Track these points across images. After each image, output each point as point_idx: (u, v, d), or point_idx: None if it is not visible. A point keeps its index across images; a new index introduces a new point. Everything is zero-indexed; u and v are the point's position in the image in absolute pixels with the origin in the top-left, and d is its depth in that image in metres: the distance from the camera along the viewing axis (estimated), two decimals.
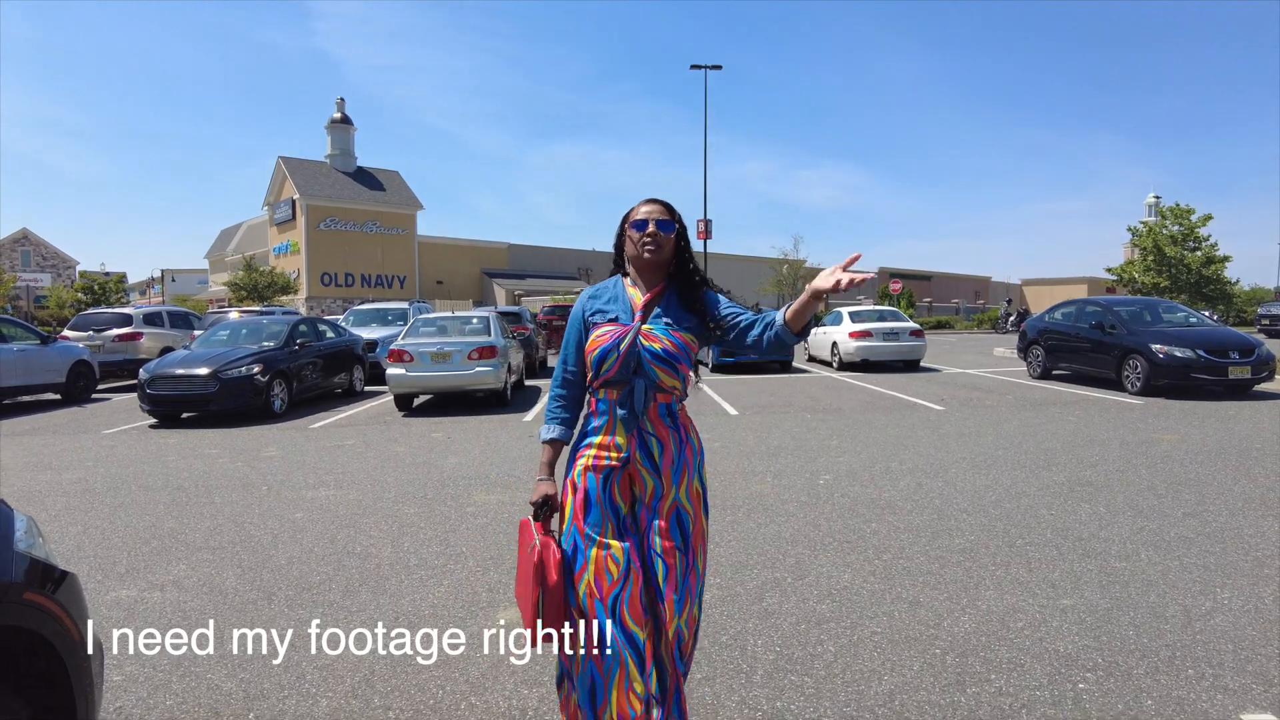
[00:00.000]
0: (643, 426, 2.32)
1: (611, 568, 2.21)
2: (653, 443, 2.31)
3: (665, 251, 2.37)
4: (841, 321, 17.85)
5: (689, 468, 2.35)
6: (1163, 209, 39.83)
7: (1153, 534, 4.80)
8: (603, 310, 2.39)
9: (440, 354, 11.27)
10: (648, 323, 2.33)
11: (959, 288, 70.19)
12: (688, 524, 2.31)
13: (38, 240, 55.42)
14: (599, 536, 2.24)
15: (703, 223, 37.97)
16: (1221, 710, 2.75)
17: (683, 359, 2.34)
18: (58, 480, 7.15)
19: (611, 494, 2.29)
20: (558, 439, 2.39)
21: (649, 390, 2.31)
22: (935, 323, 42.56)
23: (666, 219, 2.36)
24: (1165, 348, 11.48)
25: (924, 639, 3.38)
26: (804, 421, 9.89)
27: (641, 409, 2.30)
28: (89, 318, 17.86)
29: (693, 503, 2.33)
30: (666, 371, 2.31)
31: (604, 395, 2.34)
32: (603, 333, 2.33)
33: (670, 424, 2.35)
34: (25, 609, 1.71)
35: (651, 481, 2.30)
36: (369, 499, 6.16)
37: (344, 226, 47.47)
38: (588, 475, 2.31)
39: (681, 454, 2.34)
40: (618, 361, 2.29)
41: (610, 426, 2.33)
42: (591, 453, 2.32)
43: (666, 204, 2.40)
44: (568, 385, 2.43)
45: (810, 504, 5.70)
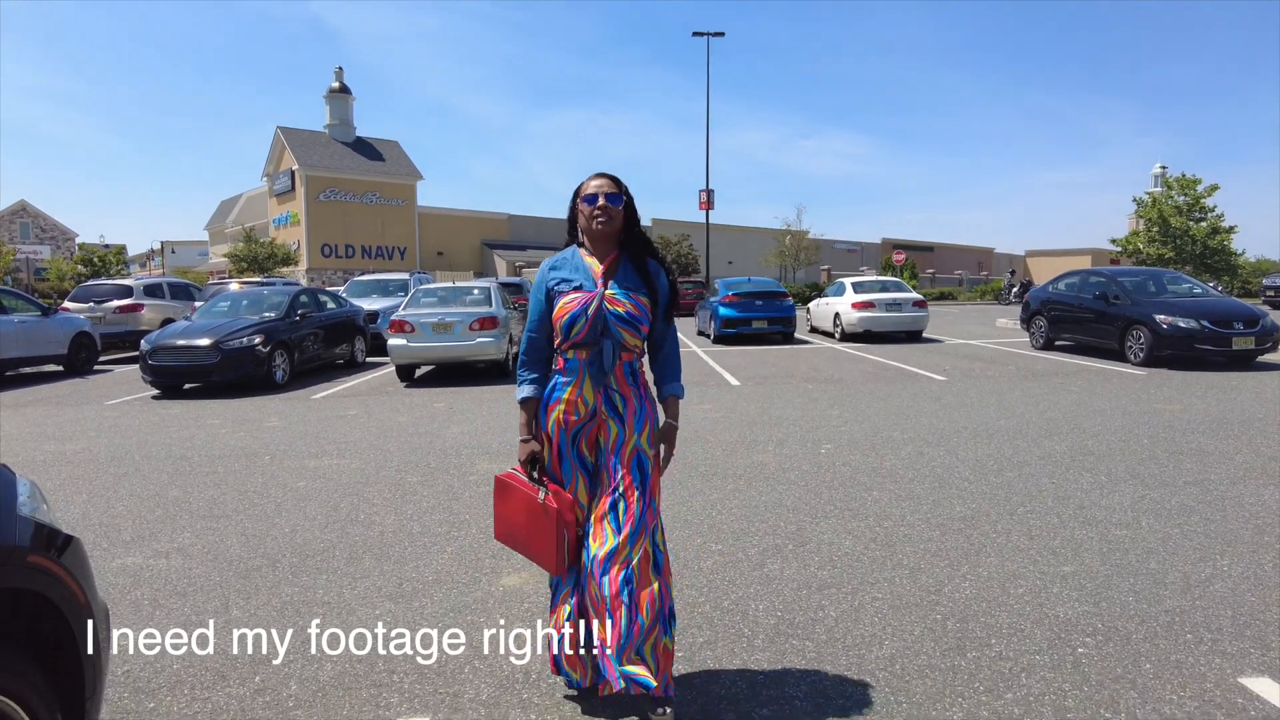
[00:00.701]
0: (609, 383, 2.57)
1: (578, 513, 2.57)
2: (616, 398, 2.58)
3: (616, 223, 2.59)
4: (844, 292, 17.77)
5: (650, 419, 2.61)
6: (1169, 179, 39.42)
7: (1154, 502, 4.82)
8: (566, 279, 2.59)
9: (441, 325, 11.25)
10: (609, 288, 2.55)
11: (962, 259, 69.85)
12: (646, 466, 2.56)
13: (36, 212, 55.21)
14: (570, 486, 2.57)
15: (705, 193, 37.72)
16: (1219, 674, 2.77)
17: (643, 320, 2.58)
18: (61, 450, 7.18)
19: (580, 449, 2.59)
20: (531, 397, 2.62)
21: (616, 349, 2.55)
22: (938, 294, 42.42)
23: (615, 192, 2.58)
24: (1169, 318, 11.44)
25: (925, 604, 3.40)
26: (806, 392, 9.89)
27: (610, 367, 2.55)
28: (89, 289, 17.83)
29: (651, 447, 2.59)
30: (630, 332, 2.56)
31: (573, 355, 2.57)
32: (570, 299, 2.54)
33: (632, 382, 2.61)
34: (30, 571, 1.71)
35: (616, 429, 2.56)
36: (371, 468, 6.19)
37: (343, 197, 47.18)
38: (559, 431, 2.58)
39: (642, 406, 2.61)
40: (587, 324, 2.52)
41: (579, 382, 2.56)
42: (560, 408, 2.57)
43: (614, 178, 2.62)
44: (535, 349, 2.65)
45: (812, 473, 5.72)
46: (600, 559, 2.46)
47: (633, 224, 2.65)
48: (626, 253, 2.63)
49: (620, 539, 2.46)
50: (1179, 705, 2.57)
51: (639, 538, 2.47)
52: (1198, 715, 2.51)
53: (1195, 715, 2.51)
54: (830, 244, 59.23)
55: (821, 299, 19.44)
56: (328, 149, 48.28)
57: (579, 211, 2.62)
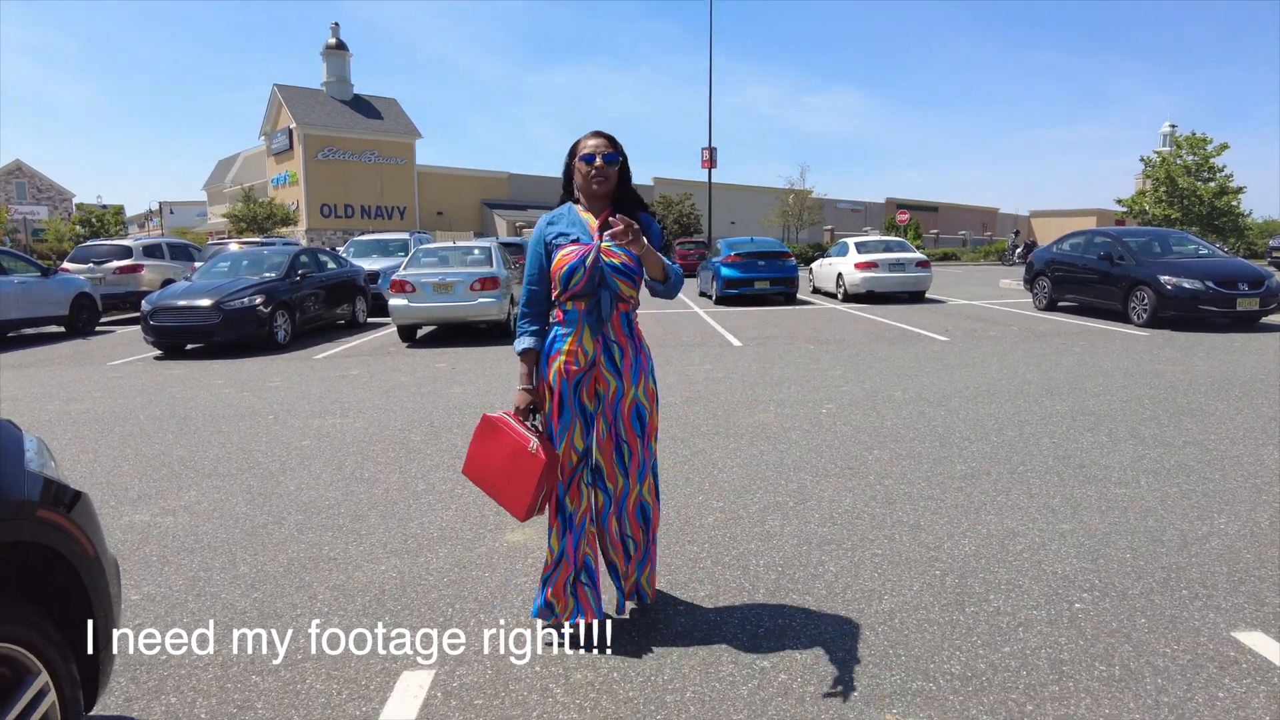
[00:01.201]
0: (606, 334, 2.71)
1: (573, 457, 2.74)
2: (615, 349, 2.72)
3: (611, 181, 2.70)
4: (847, 252, 17.67)
5: (645, 371, 2.77)
6: (1178, 138, 38.88)
7: (1153, 461, 4.84)
8: (564, 233, 2.71)
9: (442, 285, 11.21)
10: (605, 241, 2.65)
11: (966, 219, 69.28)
12: (645, 417, 2.77)
13: (31, 172, 54.69)
14: (569, 434, 2.72)
15: (708, 150, 37.27)
16: (1213, 628, 2.81)
17: (637, 271, 2.69)
18: (66, 410, 7.21)
19: (580, 397, 2.73)
20: (531, 348, 2.75)
21: (612, 299, 2.69)
22: (941, 254, 42.18)
23: (611, 151, 2.69)
24: (1173, 279, 11.38)
25: (924, 561, 3.44)
26: (807, 353, 9.89)
27: (607, 316, 2.69)
28: (89, 250, 17.73)
29: (648, 399, 2.78)
30: (626, 283, 2.69)
31: (571, 307, 2.70)
32: (568, 252, 2.67)
33: (628, 332, 2.75)
34: (41, 526, 1.73)
35: (614, 383, 2.73)
36: (375, 427, 6.22)
37: (342, 156, 46.66)
38: (560, 381, 2.71)
39: (638, 359, 2.76)
40: (585, 275, 2.65)
41: (579, 333, 2.70)
42: (562, 358, 2.70)
43: (610, 137, 2.72)
44: (534, 302, 2.77)
45: (813, 432, 5.74)
46: (616, 499, 2.81)
47: (626, 181, 2.77)
48: (620, 209, 2.72)
49: (629, 481, 2.79)
50: (1172, 658, 2.62)
51: (645, 477, 2.81)
52: (1190, 668, 2.56)
53: (1187, 668, 2.56)
54: (834, 203, 58.69)
55: (824, 259, 19.34)
56: (325, 107, 47.62)
57: (576, 170, 2.72)
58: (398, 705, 2.43)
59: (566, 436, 2.72)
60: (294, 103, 46.50)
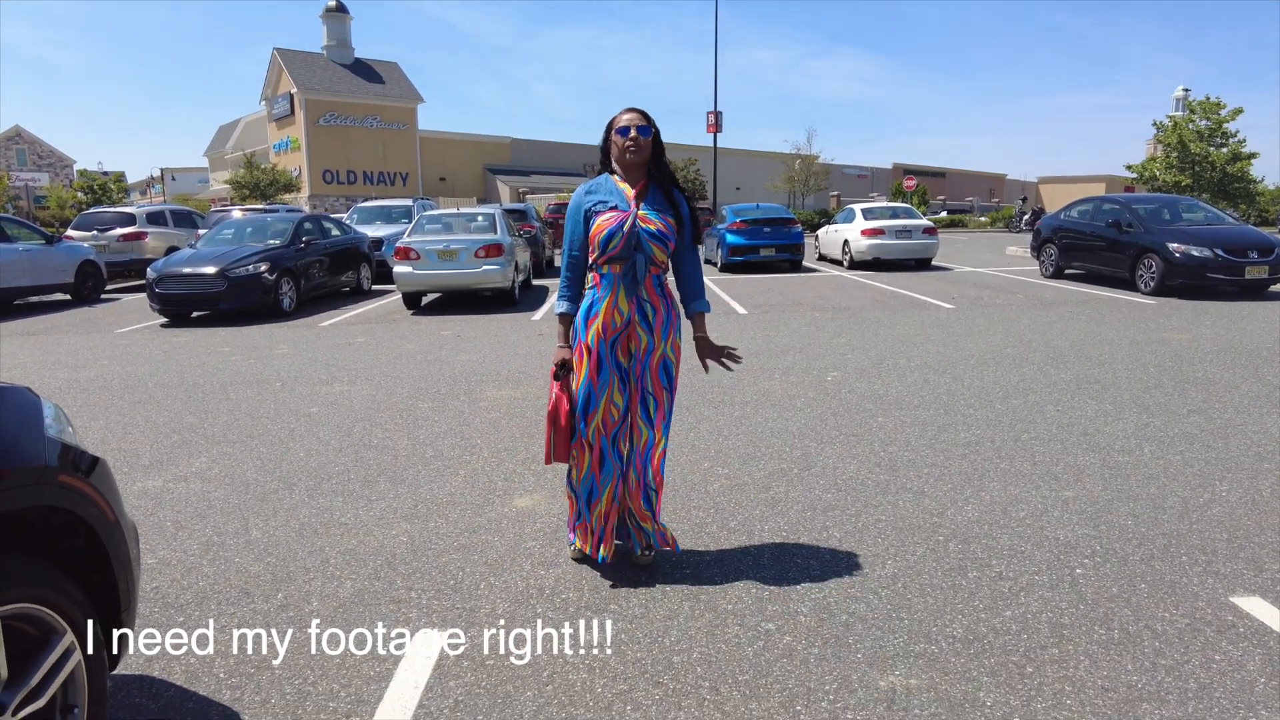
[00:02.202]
0: (640, 294, 2.93)
1: (614, 412, 2.97)
2: (648, 308, 2.96)
3: (645, 153, 2.92)
4: (854, 219, 17.54)
5: (674, 328, 3.02)
6: (1191, 103, 38.22)
7: (1157, 430, 4.86)
8: (603, 200, 2.92)
9: (447, 251, 11.18)
10: (641, 209, 2.89)
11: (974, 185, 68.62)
12: (672, 370, 3.03)
13: (31, 138, 54.31)
14: (609, 389, 2.94)
15: (713, 115, 36.83)
16: (1212, 593, 2.85)
17: (670, 238, 2.93)
18: (75, 378, 7.27)
19: (616, 355, 2.95)
20: (568, 313, 2.98)
21: (646, 263, 2.92)
22: (949, 221, 41.84)
23: (645, 124, 2.91)
24: (1182, 247, 11.29)
25: (927, 527, 3.48)
26: (813, 320, 9.88)
27: (641, 278, 2.92)
28: (92, 217, 17.68)
29: (674, 354, 3.03)
30: (659, 247, 2.92)
31: (608, 270, 2.91)
32: (607, 218, 2.87)
33: (660, 293, 2.99)
34: (62, 490, 1.76)
35: (645, 338, 2.96)
36: (382, 394, 6.26)
37: (344, 121, 46.23)
38: (599, 341, 2.92)
39: (669, 317, 3.00)
40: (622, 240, 2.86)
41: (615, 294, 2.91)
42: (599, 321, 2.92)
43: (644, 112, 2.94)
44: (574, 267, 2.99)
45: (818, 400, 5.77)
46: (641, 449, 3.02)
47: (660, 155, 2.96)
48: (654, 180, 2.96)
49: (655, 432, 3.02)
50: (1170, 622, 2.66)
51: (669, 428, 3.08)
52: (1188, 631, 2.60)
53: (1185, 631, 2.60)
54: (840, 169, 58.13)
55: (830, 226, 19.21)
56: (326, 71, 47.07)
57: (612, 142, 2.94)
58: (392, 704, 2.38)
59: (607, 392, 2.94)
60: (294, 67, 45.97)
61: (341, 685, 2.41)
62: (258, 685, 2.43)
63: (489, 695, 2.35)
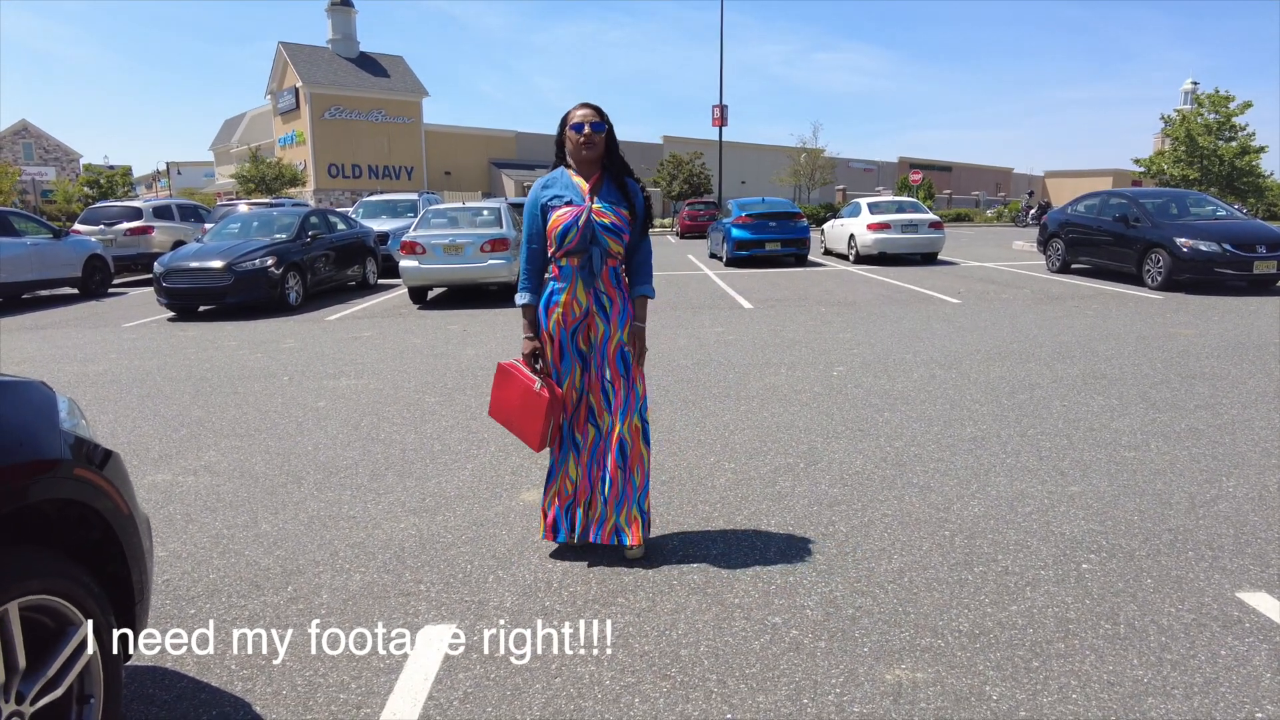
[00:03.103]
0: (597, 286, 3.01)
1: (574, 396, 3.09)
2: (604, 299, 3.03)
3: (599, 148, 2.98)
4: (860, 213, 17.49)
5: (631, 317, 3.07)
6: (1200, 96, 37.98)
7: (1163, 425, 4.86)
8: (558, 195, 3.00)
9: (452, 246, 11.20)
10: (595, 203, 2.97)
11: (980, 179, 68.35)
12: (629, 358, 3.06)
13: (38, 132, 54.43)
14: (570, 375, 3.07)
15: (718, 109, 36.75)
16: (1218, 588, 2.86)
17: (624, 229, 3.00)
18: (84, 372, 7.31)
19: (577, 343, 3.05)
20: (530, 304, 3.06)
21: (603, 255, 2.98)
22: (955, 215, 41.68)
23: (598, 120, 2.97)
24: (1190, 241, 11.25)
25: (933, 521, 3.49)
26: (818, 315, 9.88)
27: (598, 270, 2.98)
28: (99, 211, 17.72)
29: (630, 346, 3.06)
30: (614, 240, 2.99)
31: (566, 263, 3.00)
32: (562, 213, 2.96)
33: (616, 285, 3.05)
34: (77, 484, 1.78)
35: (603, 327, 3.03)
36: (390, 388, 6.28)
37: (349, 115, 46.28)
38: (559, 330, 3.03)
39: (625, 307, 3.06)
40: (578, 234, 2.94)
41: (573, 286, 3.00)
42: (559, 310, 3.01)
43: (597, 107, 2.99)
44: (533, 259, 3.07)
45: (824, 394, 5.77)
46: (604, 435, 3.09)
47: (613, 148, 3.02)
48: (608, 173, 3.03)
49: (613, 418, 3.07)
50: (1176, 617, 2.67)
51: (628, 415, 3.06)
52: (1194, 627, 2.61)
53: (1191, 627, 2.61)
54: (846, 163, 57.99)
55: (836, 220, 19.17)
56: (331, 65, 47.09)
57: (567, 138, 3.00)
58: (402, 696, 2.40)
59: (568, 379, 3.07)
60: (300, 61, 46.00)
61: (351, 677, 2.43)
62: (269, 677, 2.45)
63: (498, 687, 2.37)
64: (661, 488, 3.96)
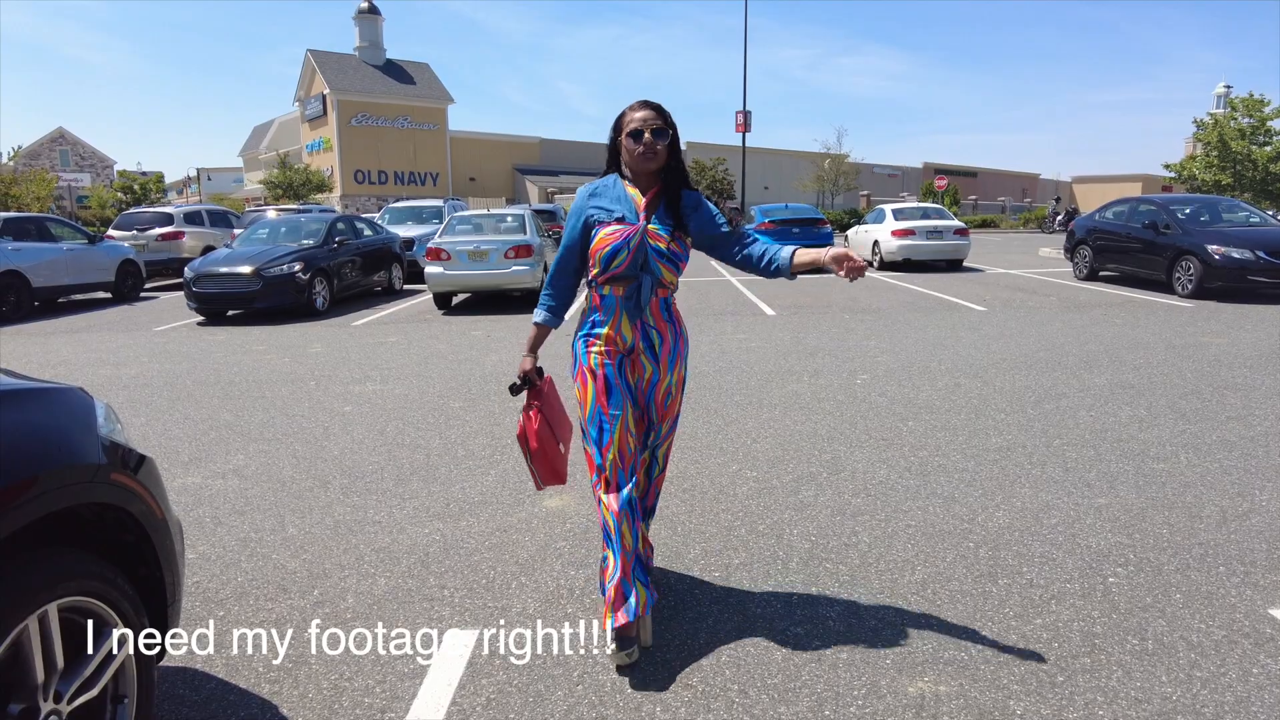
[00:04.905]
0: (645, 320, 2.58)
1: (631, 442, 2.56)
2: (653, 334, 2.60)
3: (661, 158, 2.51)
4: (884, 219, 17.39)
5: (682, 358, 2.69)
6: (1233, 100, 37.31)
7: (1193, 437, 4.78)
8: (607, 209, 2.53)
9: (477, 252, 11.30)
10: (651, 222, 2.51)
11: (1006, 185, 67.63)
12: (669, 403, 2.71)
13: (74, 139, 55.57)
14: (621, 414, 2.53)
15: (741, 114, 36.73)
16: (1250, 605, 2.81)
17: (683, 257, 2.57)
18: (117, 375, 7.45)
19: (626, 378, 2.60)
20: (544, 324, 2.68)
21: (653, 285, 2.53)
22: (980, 221, 41.29)
23: (661, 126, 2.48)
24: (1222, 248, 11.05)
25: (958, 533, 3.46)
26: (842, 322, 9.83)
27: (645, 302, 2.54)
28: (132, 217, 18.08)
29: (676, 388, 2.71)
30: (669, 268, 2.55)
31: (609, 291, 2.55)
32: (611, 231, 2.48)
33: (667, 317, 2.63)
34: (114, 488, 1.83)
35: (650, 368, 2.62)
36: (415, 393, 6.35)
37: (376, 122, 46.79)
38: (605, 363, 2.56)
39: (676, 345, 2.66)
40: (629, 258, 2.48)
41: (616, 320, 2.56)
42: (601, 345, 2.58)
43: (659, 108, 2.50)
44: (562, 274, 2.66)
45: (847, 403, 5.75)
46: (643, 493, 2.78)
47: (675, 155, 2.57)
48: (668, 186, 2.57)
49: (660, 476, 2.87)
50: (1206, 634, 2.62)
51: (667, 459, 2.88)
52: (1224, 643, 2.56)
53: (1222, 643, 2.56)
54: (870, 168, 57.62)
55: (860, 226, 19.07)
56: (358, 72, 47.68)
57: (624, 146, 2.53)
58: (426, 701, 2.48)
59: (620, 420, 2.53)
60: (327, 68, 46.62)
61: (376, 681, 2.47)
62: (295, 680, 2.49)
63: (521, 694, 2.39)
64: (683, 495, 3.97)
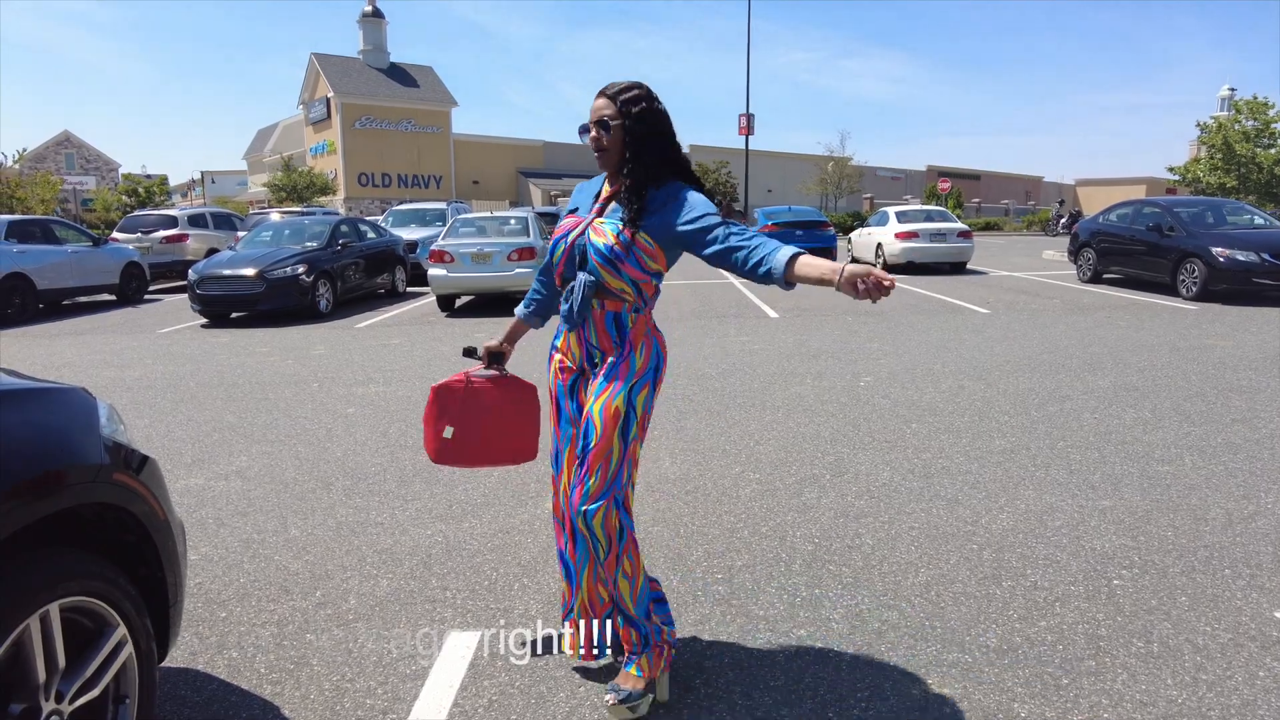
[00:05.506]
0: (586, 335, 2.23)
1: (565, 478, 2.35)
2: (596, 355, 2.25)
3: (613, 152, 2.19)
4: (888, 222, 17.39)
5: (619, 377, 2.18)
6: (1238, 102, 37.23)
7: (1198, 439, 4.76)
8: (577, 205, 2.37)
9: (480, 255, 11.31)
10: (603, 217, 2.23)
11: (1009, 188, 67.57)
12: (590, 441, 2.16)
13: (79, 142, 55.75)
14: (568, 446, 2.32)
15: (744, 117, 36.78)
16: (1255, 608, 2.79)
17: (626, 259, 2.14)
18: (121, 377, 7.47)
19: (578, 400, 2.31)
20: (521, 319, 2.57)
21: (587, 289, 2.17)
22: (984, 224, 41.23)
23: (606, 117, 2.16)
24: (1226, 250, 11.03)
25: (961, 535, 3.45)
26: (845, 324, 9.82)
27: (578, 310, 2.18)
28: (136, 220, 18.16)
29: (604, 421, 2.15)
30: (609, 271, 2.15)
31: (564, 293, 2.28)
32: (562, 224, 2.32)
33: (617, 338, 2.21)
34: (116, 489, 1.83)
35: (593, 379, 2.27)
36: (418, 396, 6.35)
37: (379, 125, 46.93)
38: (557, 382, 2.37)
39: (616, 365, 2.20)
40: (564, 255, 2.24)
41: (566, 332, 2.32)
42: (559, 357, 2.36)
43: (616, 95, 2.16)
44: (545, 270, 2.48)
45: (850, 405, 5.74)
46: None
47: (639, 143, 2.15)
48: (631, 179, 2.17)
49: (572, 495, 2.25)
50: (1212, 636, 2.61)
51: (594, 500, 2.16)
52: (1230, 646, 2.55)
53: (1228, 646, 2.55)
54: (873, 171, 57.63)
55: (864, 229, 19.07)
56: (362, 75, 47.83)
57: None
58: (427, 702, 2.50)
59: (569, 450, 2.30)
60: (331, 71, 46.77)
61: (378, 683, 2.46)
62: (297, 681, 2.48)
63: (523, 695, 2.38)
64: (686, 497, 3.97)
